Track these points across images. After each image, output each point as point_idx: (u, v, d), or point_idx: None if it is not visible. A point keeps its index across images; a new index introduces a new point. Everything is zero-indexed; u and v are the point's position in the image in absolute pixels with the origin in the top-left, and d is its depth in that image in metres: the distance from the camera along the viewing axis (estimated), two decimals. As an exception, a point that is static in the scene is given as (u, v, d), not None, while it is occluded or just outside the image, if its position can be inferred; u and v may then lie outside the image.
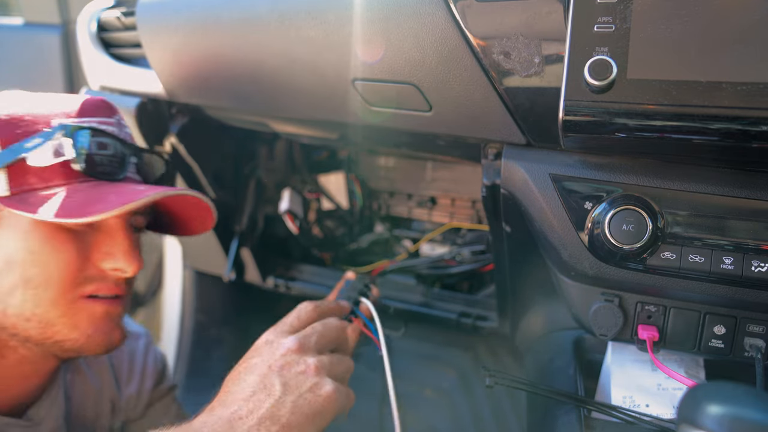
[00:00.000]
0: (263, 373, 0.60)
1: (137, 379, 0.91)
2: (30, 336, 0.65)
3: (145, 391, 0.92)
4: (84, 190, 0.64)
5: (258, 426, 0.55)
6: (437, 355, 1.22)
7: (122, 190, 0.65)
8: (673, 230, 0.56)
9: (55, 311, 0.64)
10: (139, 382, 0.91)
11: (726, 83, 0.46)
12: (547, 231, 0.62)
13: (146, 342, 0.94)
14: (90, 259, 0.66)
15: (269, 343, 0.65)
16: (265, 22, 0.74)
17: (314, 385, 0.60)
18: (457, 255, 1.02)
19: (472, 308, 1.02)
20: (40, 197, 0.62)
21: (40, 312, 0.64)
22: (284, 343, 0.64)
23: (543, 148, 0.64)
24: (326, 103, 0.76)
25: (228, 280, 1.16)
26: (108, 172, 0.67)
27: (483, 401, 1.16)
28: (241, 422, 0.56)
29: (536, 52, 0.58)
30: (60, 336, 0.65)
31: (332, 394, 0.60)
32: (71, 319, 0.65)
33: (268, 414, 0.56)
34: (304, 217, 1.17)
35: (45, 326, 0.64)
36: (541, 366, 0.78)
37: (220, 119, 0.98)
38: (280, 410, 0.57)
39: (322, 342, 0.66)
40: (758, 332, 0.58)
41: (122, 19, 0.95)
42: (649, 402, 0.63)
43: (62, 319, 0.65)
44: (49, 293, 0.63)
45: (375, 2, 0.66)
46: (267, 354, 0.63)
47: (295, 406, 0.58)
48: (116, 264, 0.66)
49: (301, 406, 0.58)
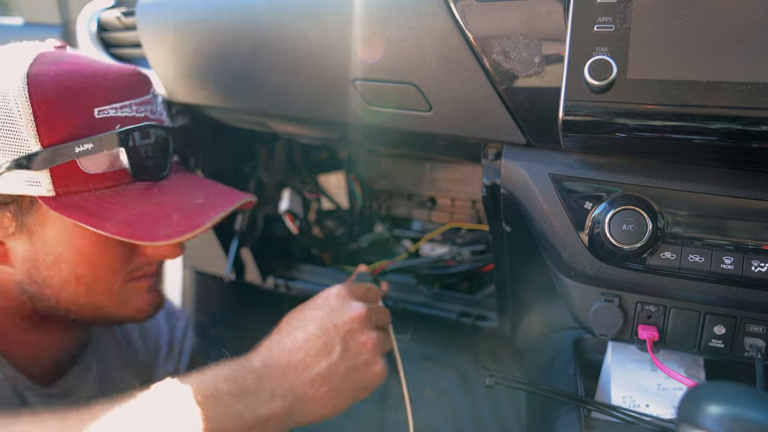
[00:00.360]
0: (327, 330, 0.61)
1: (175, 357, 0.93)
2: (81, 316, 0.68)
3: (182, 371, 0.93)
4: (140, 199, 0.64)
5: (310, 383, 0.58)
6: (437, 355, 1.22)
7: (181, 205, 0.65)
8: (673, 230, 0.56)
9: (107, 297, 0.67)
10: (176, 361, 0.93)
11: (726, 83, 0.46)
12: (547, 231, 0.62)
13: (185, 324, 0.97)
14: (135, 251, 0.68)
15: (341, 299, 0.65)
16: (265, 22, 0.74)
17: (368, 360, 0.62)
18: (457, 255, 1.02)
19: (472, 308, 1.02)
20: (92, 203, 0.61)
21: (92, 300, 0.67)
22: (355, 307, 0.64)
23: (543, 148, 0.64)
24: (326, 103, 0.76)
25: (228, 280, 1.16)
26: (156, 168, 0.68)
27: (483, 401, 1.16)
28: (295, 374, 0.58)
29: (536, 52, 0.58)
30: (111, 314, 0.69)
31: (380, 373, 0.63)
32: (121, 300, 0.69)
33: (322, 374, 0.59)
34: (304, 217, 1.17)
35: (98, 309, 0.68)
36: (541, 366, 0.78)
37: (220, 119, 0.98)
38: (334, 374, 0.59)
39: (379, 322, 0.68)
40: (758, 332, 0.58)
41: (122, 19, 0.95)
42: (649, 402, 0.63)
43: (113, 302, 0.68)
44: (100, 286, 0.66)
45: (375, 2, 0.66)
46: (336, 311, 0.64)
47: (347, 375, 0.60)
48: (162, 251, 0.69)
49: (352, 377, 0.61)
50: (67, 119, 0.61)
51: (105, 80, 0.65)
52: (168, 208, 0.64)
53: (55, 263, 0.64)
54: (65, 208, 0.60)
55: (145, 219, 0.62)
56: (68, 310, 0.67)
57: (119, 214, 0.61)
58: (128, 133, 0.64)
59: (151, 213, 0.63)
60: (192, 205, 0.66)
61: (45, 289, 0.65)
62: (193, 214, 0.64)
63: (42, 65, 0.62)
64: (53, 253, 0.63)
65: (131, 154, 0.64)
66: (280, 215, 1.15)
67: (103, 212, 0.61)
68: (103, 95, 0.64)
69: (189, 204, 0.66)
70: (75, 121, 0.61)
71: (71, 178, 0.61)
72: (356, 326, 0.63)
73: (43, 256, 0.63)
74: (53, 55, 0.65)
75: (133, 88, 0.67)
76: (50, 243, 0.63)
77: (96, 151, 0.61)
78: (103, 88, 0.64)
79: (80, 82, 0.63)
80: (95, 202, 0.61)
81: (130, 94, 0.66)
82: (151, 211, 0.63)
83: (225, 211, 0.65)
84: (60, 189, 0.60)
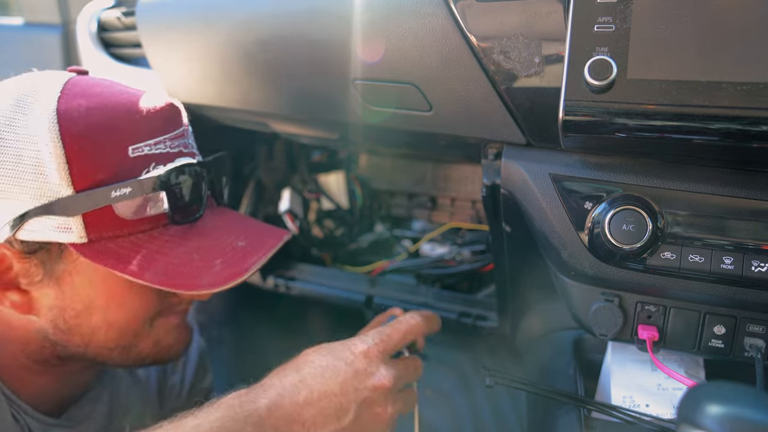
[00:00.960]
0: (346, 393, 0.57)
1: (181, 367, 0.90)
2: (112, 359, 0.65)
3: (187, 380, 0.91)
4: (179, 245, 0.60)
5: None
6: (437, 356, 1.22)
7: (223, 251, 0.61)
8: (673, 230, 0.56)
9: (138, 338, 0.64)
10: (182, 371, 0.90)
11: (726, 83, 0.46)
12: (547, 231, 0.62)
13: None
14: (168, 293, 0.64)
15: (369, 360, 0.60)
16: (266, 22, 0.74)
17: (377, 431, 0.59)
18: (457, 255, 1.02)
19: (472, 308, 1.01)
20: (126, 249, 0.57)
21: (123, 342, 0.64)
22: (381, 375, 0.59)
23: (543, 148, 0.64)
24: (326, 103, 0.76)
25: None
26: (192, 208, 0.63)
27: (483, 401, 1.16)
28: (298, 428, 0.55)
29: (536, 52, 0.58)
30: (142, 354, 0.66)
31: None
32: (153, 339, 0.66)
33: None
34: (304, 217, 1.17)
35: (128, 351, 0.65)
36: (541, 366, 0.78)
37: (220, 119, 0.98)
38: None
39: (407, 380, 0.64)
40: (758, 332, 0.58)
41: (122, 19, 0.95)
42: (649, 402, 0.63)
43: (144, 342, 0.65)
44: (132, 327, 0.63)
45: (375, 2, 0.66)
46: (361, 374, 0.58)
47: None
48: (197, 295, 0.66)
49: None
50: (101, 160, 0.56)
51: (138, 115, 0.59)
52: (209, 254, 0.60)
53: (85, 310, 0.60)
54: (98, 256, 0.56)
55: (185, 268, 0.58)
56: (97, 355, 0.64)
57: (158, 262, 0.57)
58: (168, 174, 0.59)
59: (193, 260, 0.59)
60: (233, 248, 0.62)
61: (73, 338, 0.62)
62: (236, 259, 0.60)
63: (71, 99, 0.57)
64: (84, 300, 0.60)
65: (169, 197, 0.59)
66: (280, 215, 1.15)
67: (141, 260, 0.57)
68: (137, 132, 0.58)
69: (230, 247, 0.62)
70: (109, 162, 0.56)
71: (105, 224, 0.56)
72: (376, 397, 0.58)
73: (71, 304, 0.60)
74: (81, 86, 0.59)
75: (168, 121, 0.62)
76: (80, 290, 0.59)
77: (135, 196, 0.57)
78: (137, 124, 0.59)
79: (113, 117, 0.57)
80: (130, 248, 0.57)
81: (164, 129, 0.61)
82: (193, 258, 0.59)
83: (268, 255, 0.62)
84: (93, 235, 0.56)
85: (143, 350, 0.66)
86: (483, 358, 1.18)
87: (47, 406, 0.68)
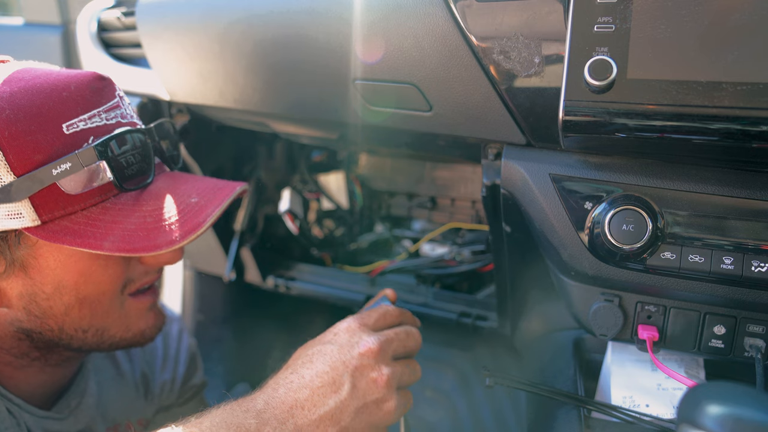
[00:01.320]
0: (336, 367, 0.58)
1: (171, 364, 0.91)
2: (86, 342, 0.66)
3: (179, 377, 0.92)
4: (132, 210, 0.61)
5: (318, 423, 0.56)
6: (437, 356, 1.22)
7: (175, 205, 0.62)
8: (673, 230, 0.56)
9: (109, 318, 0.66)
10: (173, 368, 0.91)
11: (726, 83, 0.46)
12: (547, 231, 0.62)
13: (179, 327, 0.96)
14: (135, 260, 0.66)
15: (350, 333, 0.62)
16: (266, 22, 0.74)
17: (381, 398, 0.59)
18: (457, 255, 1.02)
19: (471, 308, 1.01)
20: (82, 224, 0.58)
21: (96, 322, 0.65)
22: (366, 341, 0.61)
23: (543, 148, 0.64)
24: (326, 103, 0.76)
25: (228, 280, 1.16)
26: (141, 173, 0.64)
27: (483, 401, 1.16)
28: (302, 413, 0.55)
29: (536, 52, 0.58)
30: (115, 338, 0.68)
31: (393, 411, 0.60)
32: (124, 321, 0.67)
33: (330, 413, 0.56)
34: (304, 217, 1.17)
35: (102, 333, 0.66)
36: (541, 366, 0.78)
37: (220, 119, 0.98)
38: (343, 413, 0.57)
39: (400, 350, 0.64)
40: (758, 332, 0.58)
41: (122, 19, 0.95)
42: (649, 402, 0.63)
43: (116, 323, 0.67)
44: (103, 304, 0.64)
45: (375, 2, 0.66)
46: (345, 346, 0.60)
47: (357, 413, 0.58)
48: (162, 258, 0.67)
49: (363, 415, 0.58)
50: (36, 141, 0.56)
51: (66, 92, 0.59)
52: (163, 214, 0.61)
53: (55, 291, 0.61)
54: (54, 235, 0.56)
55: (142, 230, 0.59)
56: (72, 338, 0.65)
57: (114, 231, 0.58)
58: (106, 144, 0.59)
59: (147, 223, 0.60)
60: (187, 205, 0.63)
61: (47, 321, 0.63)
62: (190, 215, 0.61)
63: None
64: (52, 282, 0.60)
65: (113, 165, 0.60)
66: (280, 215, 1.15)
67: (97, 232, 0.58)
68: (68, 109, 0.59)
69: (184, 205, 0.62)
70: (45, 142, 0.56)
71: (54, 203, 0.57)
72: (366, 361, 0.59)
73: (40, 288, 0.60)
74: (2, 74, 0.59)
75: (99, 94, 0.62)
76: (47, 272, 0.60)
77: (75, 170, 0.57)
78: (67, 101, 0.59)
79: (40, 99, 0.58)
80: (84, 223, 0.58)
81: (96, 103, 0.61)
82: (147, 221, 0.60)
83: (222, 206, 0.62)
84: (45, 216, 0.56)
85: (116, 333, 0.67)
86: (483, 358, 1.18)
87: (36, 399, 0.69)
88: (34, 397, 0.69)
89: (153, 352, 0.90)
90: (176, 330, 0.94)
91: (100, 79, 0.64)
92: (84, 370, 0.77)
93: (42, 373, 0.69)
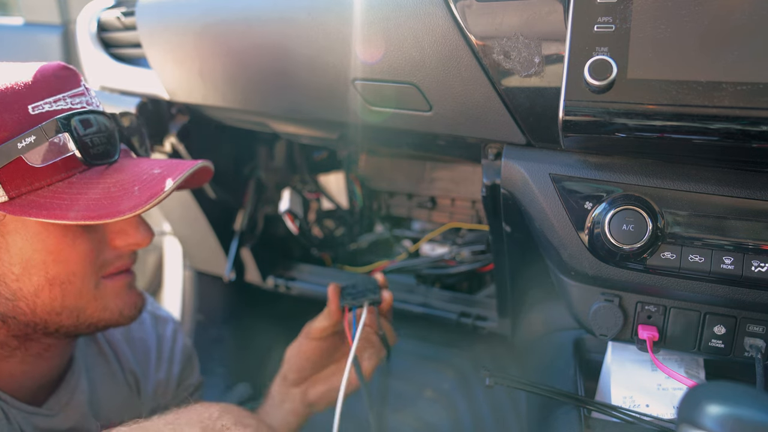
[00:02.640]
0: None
1: (165, 365, 0.91)
2: (62, 325, 0.66)
3: (174, 377, 0.92)
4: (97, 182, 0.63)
5: None
6: (437, 356, 1.22)
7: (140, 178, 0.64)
8: (673, 230, 0.56)
9: (84, 299, 0.66)
10: (167, 368, 0.91)
11: (726, 83, 0.46)
12: (547, 231, 0.62)
13: (174, 328, 0.95)
14: (104, 242, 0.67)
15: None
16: (265, 22, 0.74)
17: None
18: (457, 255, 1.02)
19: (471, 308, 1.02)
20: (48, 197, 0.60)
21: (69, 303, 0.65)
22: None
23: (543, 148, 0.64)
24: (326, 103, 0.76)
25: (228, 280, 1.16)
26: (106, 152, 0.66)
27: (483, 401, 1.16)
28: None
29: (536, 52, 0.58)
30: (93, 318, 0.68)
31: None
32: (100, 302, 0.67)
33: None
34: (304, 217, 1.17)
35: (77, 314, 0.66)
36: (541, 366, 0.78)
37: (220, 119, 0.98)
38: None
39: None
40: (758, 332, 0.58)
41: (122, 19, 0.95)
42: (649, 402, 0.63)
43: (92, 304, 0.67)
44: (75, 285, 0.64)
45: (375, 2, 0.66)
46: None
47: None
48: (131, 239, 0.68)
49: None
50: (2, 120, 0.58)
51: (32, 78, 0.62)
52: (126, 184, 0.62)
53: (24, 271, 0.61)
54: (22, 209, 0.58)
55: (106, 199, 0.60)
56: (47, 321, 0.65)
57: (79, 201, 0.59)
58: (69, 118, 0.62)
59: (111, 192, 0.61)
60: (150, 175, 0.64)
61: (18, 303, 0.63)
62: (153, 183, 0.62)
63: None
64: (20, 261, 0.61)
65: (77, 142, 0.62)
66: (280, 215, 1.15)
67: (63, 203, 0.59)
68: (33, 92, 0.61)
69: (146, 175, 0.64)
70: (10, 121, 0.59)
71: (21, 178, 0.59)
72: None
73: (9, 269, 0.61)
74: None
75: (64, 81, 0.65)
76: (15, 251, 0.61)
77: (40, 143, 0.59)
78: (33, 85, 0.62)
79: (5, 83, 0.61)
80: (51, 197, 0.59)
81: (62, 88, 0.64)
82: (111, 190, 0.61)
83: (184, 174, 0.63)
84: (12, 192, 0.58)
85: (93, 314, 0.67)
86: (483, 358, 1.18)
87: (24, 395, 0.69)
88: (20, 392, 0.68)
89: (146, 353, 0.90)
90: (170, 330, 0.94)
91: (65, 69, 0.66)
92: (75, 366, 0.77)
93: (24, 364, 0.68)
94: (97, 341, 0.84)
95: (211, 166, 0.73)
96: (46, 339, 0.68)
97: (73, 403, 0.74)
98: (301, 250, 1.22)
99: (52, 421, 0.70)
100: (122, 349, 0.86)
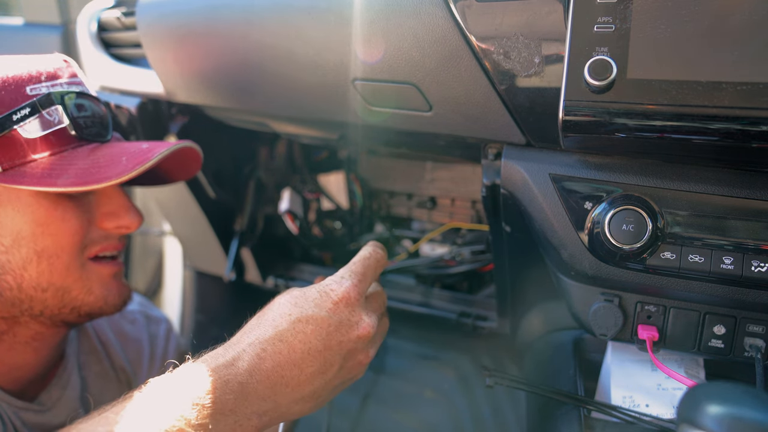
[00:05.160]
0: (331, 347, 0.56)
1: (158, 364, 0.92)
2: (47, 305, 0.67)
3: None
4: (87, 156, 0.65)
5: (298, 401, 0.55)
6: (437, 356, 1.22)
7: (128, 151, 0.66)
8: (673, 230, 0.56)
9: (70, 277, 0.67)
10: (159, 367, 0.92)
11: (726, 83, 0.46)
12: (547, 231, 0.62)
13: (167, 328, 0.96)
14: (93, 222, 0.68)
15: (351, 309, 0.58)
16: (265, 22, 0.74)
17: (358, 374, 0.61)
18: (457, 255, 1.02)
19: (471, 308, 1.01)
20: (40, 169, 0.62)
21: (55, 280, 0.66)
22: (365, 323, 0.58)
23: (543, 148, 0.64)
24: (326, 103, 0.76)
25: (228, 280, 1.16)
26: (98, 133, 0.69)
27: (483, 401, 1.16)
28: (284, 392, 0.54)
29: (536, 52, 0.58)
30: (77, 301, 0.68)
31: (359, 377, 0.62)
32: (85, 284, 0.68)
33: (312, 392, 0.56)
34: (304, 217, 1.17)
35: (62, 294, 0.67)
36: (541, 366, 0.78)
37: (220, 119, 0.98)
38: (324, 391, 0.57)
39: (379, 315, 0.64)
40: (758, 332, 0.58)
41: (122, 19, 0.95)
42: (649, 402, 0.63)
43: (77, 284, 0.68)
44: (63, 260, 0.65)
45: (375, 2, 0.66)
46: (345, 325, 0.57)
47: (335, 389, 0.59)
48: (120, 221, 0.69)
49: (338, 388, 0.60)
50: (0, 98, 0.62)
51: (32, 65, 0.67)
52: (115, 156, 0.65)
53: (14, 243, 0.63)
54: (14, 179, 0.60)
55: (94, 169, 0.62)
56: (33, 298, 0.65)
57: (69, 170, 0.62)
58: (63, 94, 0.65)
59: (100, 162, 0.64)
60: (138, 148, 0.67)
61: (5, 276, 0.64)
62: (141, 154, 0.65)
63: None
64: (10, 233, 0.62)
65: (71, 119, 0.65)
66: (280, 215, 1.15)
67: (53, 173, 0.61)
68: (32, 76, 0.66)
69: (135, 148, 0.67)
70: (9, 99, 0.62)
71: (16, 150, 0.61)
72: (360, 345, 0.59)
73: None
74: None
75: (62, 70, 0.70)
76: (6, 223, 0.62)
77: (34, 114, 0.62)
78: (31, 72, 0.66)
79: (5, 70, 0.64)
80: (43, 168, 0.62)
81: (59, 75, 0.69)
82: (100, 162, 0.64)
83: (171, 148, 0.66)
84: (6, 164, 0.61)
85: (77, 296, 0.68)
86: (483, 358, 1.18)
87: (14, 388, 0.69)
88: (10, 384, 0.69)
89: (139, 351, 0.90)
90: (163, 330, 0.95)
91: (64, 60, 0.71)
92: (67, 363, 0.77)
93: (13, 352, 0.69)
94: (90, 339, 0.84)
95: (199, 151, 0.75)
96: (34, 324, 0.68)
97: (65, 399, 0.75)
98: (301, 250, 1.22)
99: (43, 416, 0.71)
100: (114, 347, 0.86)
